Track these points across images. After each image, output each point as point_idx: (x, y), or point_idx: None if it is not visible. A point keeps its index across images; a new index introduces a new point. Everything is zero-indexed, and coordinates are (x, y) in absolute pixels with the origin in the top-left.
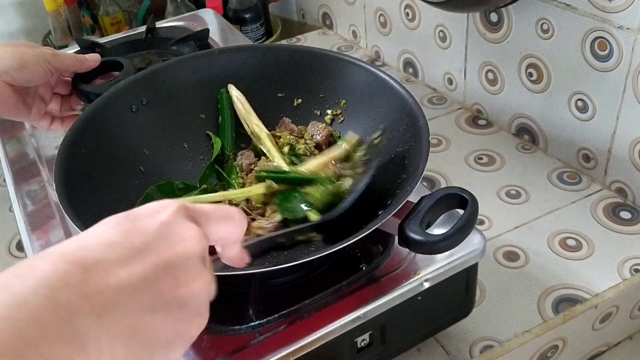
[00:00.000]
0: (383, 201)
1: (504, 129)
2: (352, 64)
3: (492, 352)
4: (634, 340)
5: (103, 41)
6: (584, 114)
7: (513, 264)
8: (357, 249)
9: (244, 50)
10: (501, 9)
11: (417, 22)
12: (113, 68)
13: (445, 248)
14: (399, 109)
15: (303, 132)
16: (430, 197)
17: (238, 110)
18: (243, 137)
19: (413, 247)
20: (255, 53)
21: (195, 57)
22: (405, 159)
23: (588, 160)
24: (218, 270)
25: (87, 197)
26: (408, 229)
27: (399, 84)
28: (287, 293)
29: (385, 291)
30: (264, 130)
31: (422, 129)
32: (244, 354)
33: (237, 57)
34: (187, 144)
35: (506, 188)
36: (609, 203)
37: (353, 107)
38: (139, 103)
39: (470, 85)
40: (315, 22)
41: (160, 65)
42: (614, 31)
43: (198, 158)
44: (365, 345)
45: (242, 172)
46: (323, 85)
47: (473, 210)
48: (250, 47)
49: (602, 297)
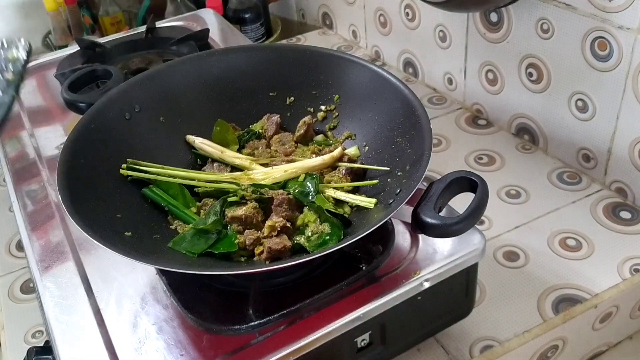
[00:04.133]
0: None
1: (504, 129)
2: (343, 59)
3: (492, 352)
4: (634, 340)
5: (103, 41)
6: (584, 114)
7: (513, 264)
8: (357, 249)
9: (231, 52)
10: (501, 9)
11: (417, 22)
12: (102, 76)
13: (461, 230)
14: (395, 100)
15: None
16: (441, 181)
17: (210, 154)
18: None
19: (429, 232)
20: (242, 54)
21: (182, 62)
22: (407, 148)
23: (588, 160)
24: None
25: (92, 205)
26: (423, 214)
27: (391, 75)
28: (287, 293)
29: (385, 291)
30: (245, 158)
31: (421, 117)
32: (244, 354)
33: (225, 59)
34: (183, 147)
35: (506, 188)
36: (609, 203)
37: (347, 101)
38: (132, 110)
39: (470, 85)
40: (315, 22)
41: (151, 71)
42: (614, 31)
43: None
44: (365, 345)
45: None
46: (315, 82)
47: (484, 192)
48: (237, 49)
49: (602, 297)
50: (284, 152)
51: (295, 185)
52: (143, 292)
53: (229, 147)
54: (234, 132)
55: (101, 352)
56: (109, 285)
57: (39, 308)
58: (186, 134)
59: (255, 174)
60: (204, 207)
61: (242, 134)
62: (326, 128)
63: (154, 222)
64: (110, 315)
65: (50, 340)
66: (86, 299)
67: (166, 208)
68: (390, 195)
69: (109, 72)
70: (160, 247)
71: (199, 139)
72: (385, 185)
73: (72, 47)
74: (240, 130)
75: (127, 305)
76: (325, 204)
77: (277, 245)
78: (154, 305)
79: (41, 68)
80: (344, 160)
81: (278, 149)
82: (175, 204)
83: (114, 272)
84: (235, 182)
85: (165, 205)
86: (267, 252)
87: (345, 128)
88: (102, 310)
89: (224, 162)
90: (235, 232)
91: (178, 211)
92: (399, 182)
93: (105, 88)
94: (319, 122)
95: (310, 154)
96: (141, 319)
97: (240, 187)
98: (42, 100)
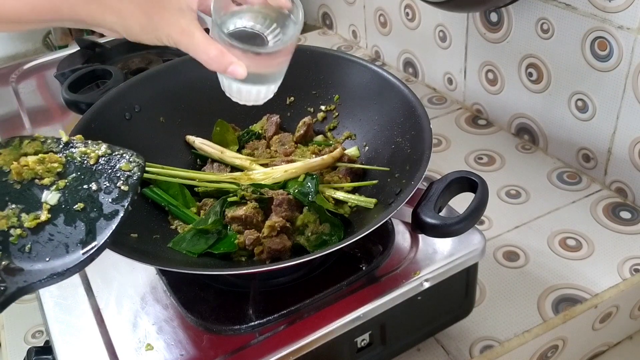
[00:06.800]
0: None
1: (504, 129)
2: (343, 59)
3: (492, 352)
4: (634, 340)
5: (103, 41)
6: (584, 114)
7: (513, 264)
8: (357, 249)
9: None
10: (501, 9)
11: (417, 22)
12: (102, 76)
13: (461, 230)
14: (395, 100)
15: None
16: (440, 182)
17: (209, 154)
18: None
19: (429, 232)
20: None
21: (182, 62)
22: (407, 148)
23: (588, 160)
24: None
25: None
26: (423, 214)
27: (391, 75)
28: (287, 293)
29: (385, 291)
30: (245, 158)
31: (421, 117)
32: (244, 354)
33: None
34: (183, 147)
35: (506, 188)
36: (609, 203)
37: (347, 101)
38: (132, 110)
39: (470, 85)
40: (315, 22)
41: (151, 71)
42: (614, 31)
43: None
44: (365, 345)
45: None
46: (315, 82)
47: (484, 192)
48: None
49: (602, 297)
50: (284, 153)
51: (295, 185)
52: (143, 292)
53: (229, 148)
54: (234, 132)
55: (101, 352)
56: (109, 285)
57: (39, 308)
58: (186, 134)
59: (255, 174)
60: (204, 207)
61: (242, 134)
62: (326, 128)
63: (154, 222)
64: (110, 315)
65: (50, 340)
66: (86, 298)
67: (166, 208)
68: (390, 195)
69: (109, 72)
70: (160, 247)
71: (199, 139)
72: (385, 185)
73: (72, 47)
74: (240, 130)
75: (127, 305)
76: (325, 204)
77: (277, 245)
78: (154, 305)
79: (41, 68)
80: (343, 160)
81: (278, 149)
82: (176, 204)
83: (114, 272)
84: (235, 182)
85: (166, 205)
86: (267, 252)
87: (345, 128)
88: (102, 310)
89: (224, 162)
90: (235, 232)
91: (178, 211)
92: (399, 182)
93: (105, 88)
94: (319, 122)
95: (310, 155)
96: (141, 319)
97: (240, 187)
98: (42, 100)
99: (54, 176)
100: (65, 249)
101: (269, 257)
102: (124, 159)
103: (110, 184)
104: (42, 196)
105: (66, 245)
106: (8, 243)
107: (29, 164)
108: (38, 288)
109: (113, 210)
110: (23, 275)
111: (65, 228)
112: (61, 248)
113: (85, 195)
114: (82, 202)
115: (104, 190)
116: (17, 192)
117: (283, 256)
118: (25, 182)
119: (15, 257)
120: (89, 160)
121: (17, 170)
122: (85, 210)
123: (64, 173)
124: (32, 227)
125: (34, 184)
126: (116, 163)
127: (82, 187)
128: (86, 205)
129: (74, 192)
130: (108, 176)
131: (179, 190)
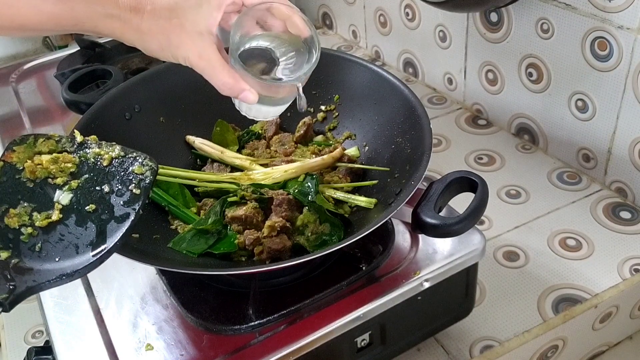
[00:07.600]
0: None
1: (504, 129)
2: (342, 59)
3: (492, 352)
4: (634, 340)
5: (103, 41)
6: (583, 113)
7: (513, 264)
8: (357, 249)
9: None
10: (501, 9)
11: (417, 22)
12: (102, 76)
13: (461, 230)
14: (395, 100)
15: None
16: (440, 182)
17: (209, 154)
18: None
19: (429, 232)
20: None
21: None
22: (407, 148)
23: (588, 160)
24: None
25: None
26: (423, 214)
27: (391, 75)
28: (287, 293)
29: (385, 291)
30: (245, 158)
31: (421, 117)
32: (244, 354)
33: None
34: (183, 147)
35: (506, 188)
36: (609, 203)
37: (347, 101)
38: (132, 110)
39: (470, 85)
40: (315, 22)
41: (151, 71)
42: (614, 31)
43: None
44: (365, 345)
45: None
46: (314, 82)
47: (484, 192)
48: None
49: (602, 297)
50: (284, 153)
51: (295, 185)
52: (143, 292)
53: (229, 148)
54: (234, 133)
55: (101, 352)
56: (109, 285)
57: (39, 308)
58: (186, 134)
59: (255, 174)
60: (204, 207)
61: (242, 134)
62: (326, 128)
63: (154, 222)
64: (110, 315)
65: (50, 340)
66: (86, 299)
67: (166, 208)
68: (390, 195)
69: (109, 72)
70: (161, 247)
71: (199, 139)
72: (385, 185)
73: (72, 47)
74: (240, 130)
75: (127, 305)
76: (325, 204)
77: (277, 245)
78: (154, 305)
79: (41, 68)
80: (343, 160)
81: (278, 150)
82: (176, 204)
83: (114, 272)
84: (235, 182)
85: (166, 205)
86: (267, 252)
87: (345, 128)
88: (102, 310)
89: (224, 163)
90: (235, 232)
91: (178, 211)
92: (399, 182)
93: (105, 88)
94: (319, 122)
95: (310, 155)
96: (141, 319)
97: (240, 187)
98: (42, 100)
99: (67, 176)
100: (75, 249)
101: (269, 257)
102: (137, 162)
103: (123, 187)
104: (55, 196)
105: (76, 246)
106: (19, 241)
107: (42, 163)
108: (46, 288)
109: (124, 213)
110: (32, 274)
111: (76, 229)
112: (71, 249)
113: (97, 197)
114: (94, 203)
115: (116, 192)
116: (29, 190)
117: (283, 256)
118: (39, 180)
119: (25, 255)
120: (103, 161)
121: (30, 168)
122: (96, 212)
123: (77, 173)
124: (43, 227)
125: (47, 183)
126: (129, 166)
127: (95, 189)
128: (98, 207)
129: (86, 193)
130: (120, 178)
131: (179, 190)
